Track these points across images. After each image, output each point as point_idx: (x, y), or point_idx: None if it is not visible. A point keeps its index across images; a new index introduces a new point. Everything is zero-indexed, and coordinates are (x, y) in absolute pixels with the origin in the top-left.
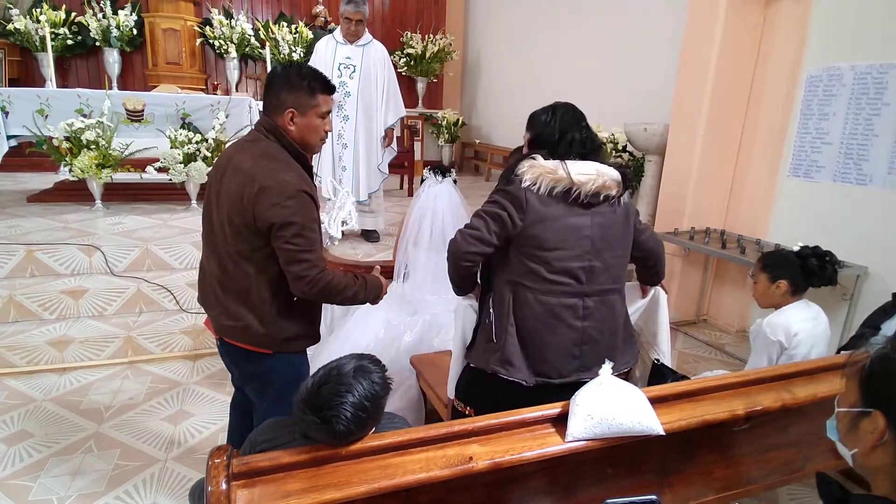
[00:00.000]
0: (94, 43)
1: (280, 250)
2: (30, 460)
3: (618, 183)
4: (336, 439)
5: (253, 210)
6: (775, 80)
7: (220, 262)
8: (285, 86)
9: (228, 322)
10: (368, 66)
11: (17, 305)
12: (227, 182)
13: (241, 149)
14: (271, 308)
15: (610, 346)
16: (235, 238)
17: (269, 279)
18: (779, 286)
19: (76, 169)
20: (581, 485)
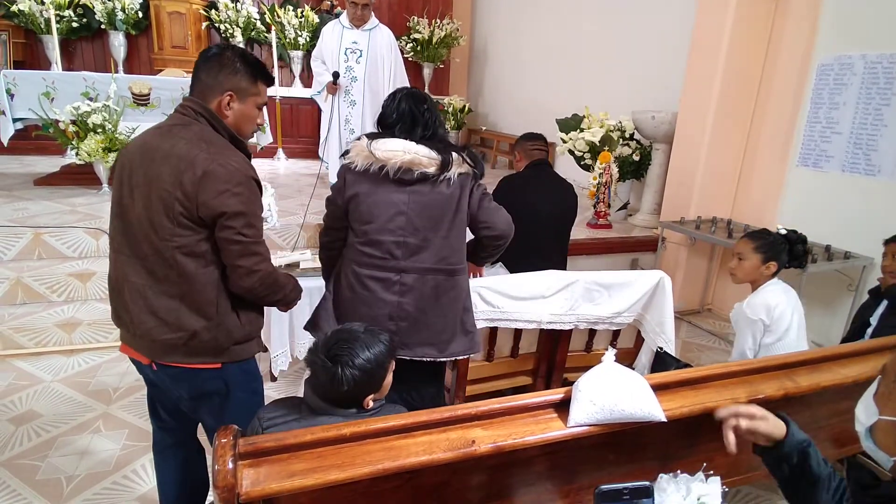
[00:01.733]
0: (99, 26)
1: (228, 241)
2: (38, 440)
3: (435, 162)
4: (337, 384)
5: (197, 197)
6: (786, 69)
7: (148, 267)
8: (226, 67)
9: (166, 336)
10: (375, 50)
11: (25, 288)
12: (155, 171)
13: (168, 134)
14: (218, 309)
15: (436, 328)
16: (172, 232)
17: (216, 276)
18: (769, 267)
19: (83, 152)
20: (582, 470)
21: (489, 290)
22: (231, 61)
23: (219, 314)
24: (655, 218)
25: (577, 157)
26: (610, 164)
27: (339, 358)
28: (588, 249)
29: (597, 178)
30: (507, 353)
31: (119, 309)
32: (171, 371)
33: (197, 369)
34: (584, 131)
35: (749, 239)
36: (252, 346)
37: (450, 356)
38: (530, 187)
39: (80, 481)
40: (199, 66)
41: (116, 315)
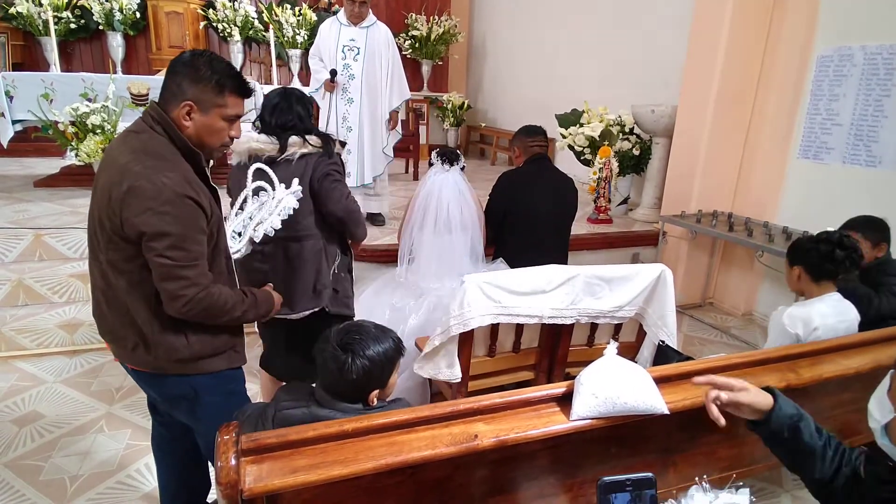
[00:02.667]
0: (97, 27)
1: (152, 264)
2: (41, 441)
3: (274, 147)
4: (346, 373)
5: (121, 213)
6: (785, 61)
7: (102, 272)
8: (189, 75)
9: (117, 342)
10: (373, 48)
11: (27, 289)
12: (102, 179)
13: (122, 141)
14: (153, 328)
15: (289, 289)
16: (107, 246)
17: (146, 295)
18: (793, 271)
19: (82, 153)
20: (585, 463)
21: (490, 285)
22: (196, 69)
23: (154, 333)
24: (656, 212)
25: (576, 153)
26: (610, 158)
27: (351, 347)
28: (589, 244)
29: (597, 173)
30: (508, 349)
31: (93, 308)
32: (139, 374)
33: (160, 375)
34: (584, 126)
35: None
36: (214, 362)
37: (300, 312)
38: (530, 183)
39: (84, 481)
40: (167, 71)
41: (93, 312)
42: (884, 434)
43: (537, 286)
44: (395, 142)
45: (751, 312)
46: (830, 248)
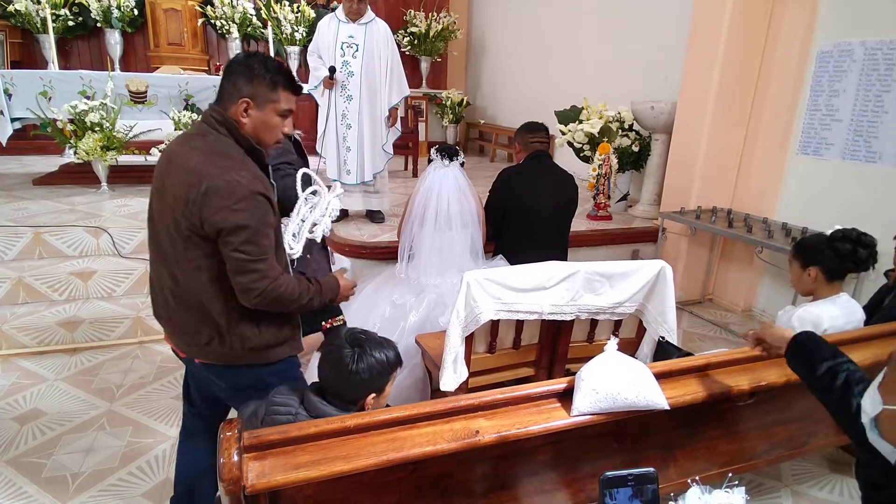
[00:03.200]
0: (95, 24)
1: (228, 258)
2: (43, 438)
3: None
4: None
5: (200, 213)
6: (785, 56)
7: (171, 272)
8: (245, 73)
9: (189, 338)
10: (372, 44)
11: (27, 287)
12: (172, 182)
13: (187, 143)
14: (228, 320)
15: None
16: (185, 245)
17: (223, 289)
18: (809, 273)
19: (81, 151)
20: (586, 458)
21: (491, 281)
22: (251, 67)
23: (229, 325)
24: (655, 209)
25: (576, 149)
26: (609, 155)
27: (360, 344)
28: (588, 241)
29: (596, 170)
30: (509, 345)
31: (155, 305)
32: (209, 367)
33: (221, 365)
34: (583, 123)
35: (793, 246)
36: (280, 351)
37: None
38: (530, 180)
39: (86, 478)
40: (223, 73)
41: (156, 314)
42: (873, 427)
43: (537, 282)
44: (394, 139)
45: (750, 308)
46: (852, 246)
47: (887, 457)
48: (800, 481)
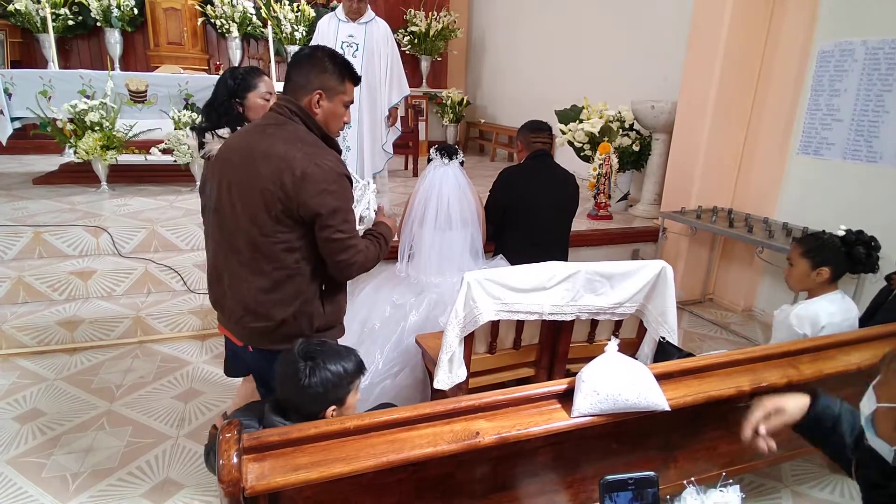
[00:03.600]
0: (95, 23)
1: (329, 240)
2: (43, 438)
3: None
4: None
5: (297, 197)
6: (786, 56)
7: (243, 260)
8: (317, 66)
9: (255, 324)
10: (371, 44)
11: (27, 286)
12: (255, 170)
13: (264, 134)
14: (305, 299)
15: None
16: (273, 229)
17: (308, 269)
18: (820, 273)
19: (81, 150)
20: (586, 460)
21: (491, 281)
22: (321, 60)
23: (304, 304)
24: (656, 208)
25: (576, 149)
26: (610, 154)
27: (312, 357)
28: (588, 241)
29: (597, 169)
30: (509, 345)
31: (218, 297)
32: (264, 353)
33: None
34: (584, 122)
35: (798, 243)
36: (334, 332)
37: None
38: (531, 179)
39: (86, 478)
40: (290, 66)
41: (215, 301)
42: (870, 426)
43: (538, 283)
44: (394, 138)
45: (751, 308)
46: (866, 251)
47: (884, 456)
48: (800, 482)
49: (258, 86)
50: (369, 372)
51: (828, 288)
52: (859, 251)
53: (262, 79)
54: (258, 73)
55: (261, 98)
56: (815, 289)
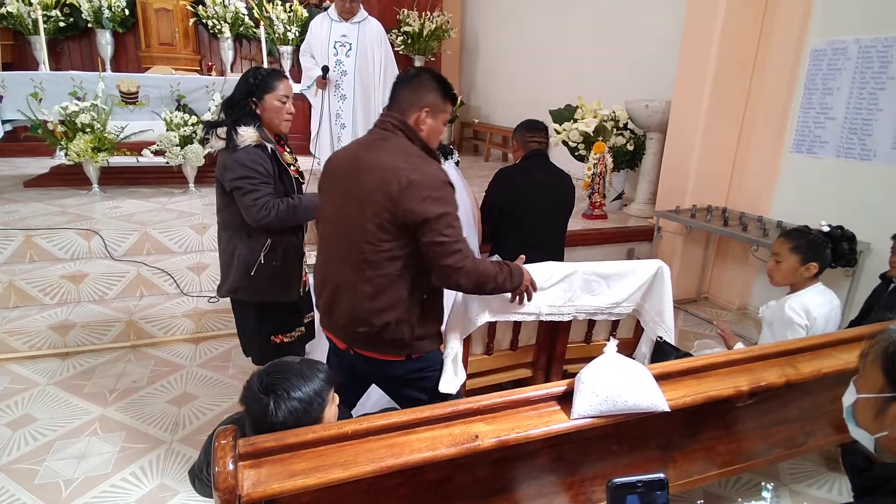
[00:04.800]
0: (86, 24)
1: (433, 244)
2: (35, 444)
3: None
4: (271, 417)
5: (403, 205)
6: (779, 55)
7: (351, 267)
8: (425, 86)
9: (360, 329)
10: (365, 43)
11: (18, 291)
12: (363, 182)
13: (371, 147)
14: (407, 307)
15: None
16: (379, 238)
17: (409, 277)
18: (809, 268)
19: (72, 153)
20: (586, 461)
21: None
22: (429, 81)
23: (405, 312)
24: (651, 207)
25: (571, 148)
26: (604, 154)
27: (273, 389)
28: (583, 240)
29: (591, 169)
30: (506, 346)
31: (325, 302)
32: (365, 358)
33: (384, 360)
34: (578, 122)
35: (785, 238)
36: (432, 342)
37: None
38: (527, 179)
39: (79, 485)
40: (399, 84)
41: (323, 305)
42: (850, 417)
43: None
44: None
45: (745, 307)
46: (849, 246)
47: (864, 444)
48: (798, 480)
49: (277, 88)
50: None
51: (812, 281)
52: (843, 246)
53: (283, 81)
54: (279, 76)
55: (277, 100)
56: (800, 283)
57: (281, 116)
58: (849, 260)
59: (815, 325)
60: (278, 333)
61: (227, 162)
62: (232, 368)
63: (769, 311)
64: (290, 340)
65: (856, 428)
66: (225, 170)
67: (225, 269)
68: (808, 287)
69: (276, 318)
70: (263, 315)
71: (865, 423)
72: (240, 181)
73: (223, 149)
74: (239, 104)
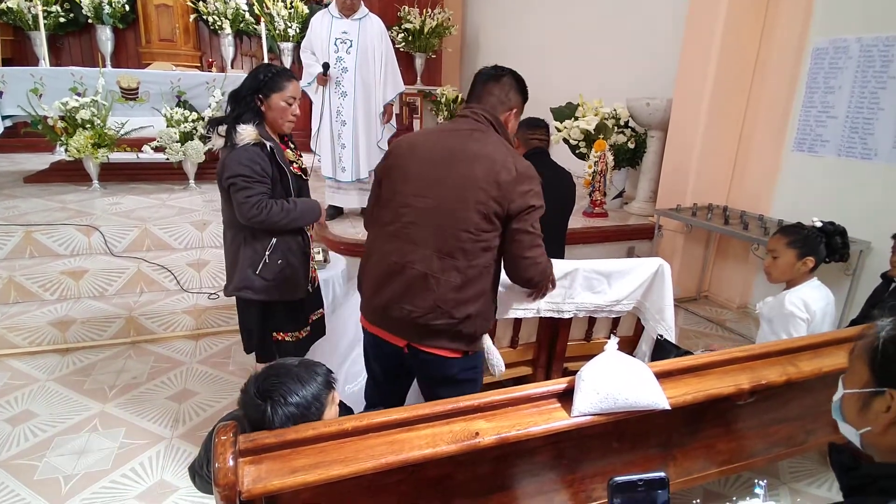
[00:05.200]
0: (86, 20)
1: (524, 233)
2: (35, 440)
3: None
4: (269, 424)
5: (511, 194)
6: (781, 53)
7: (436, 257)
8: (516, 86)
9: (439, 321)
10: (365, 40)
11: (18, 286)
12: (465, 170)
13: (469, 137)
14: (485, 299)
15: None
16: (479, 227)
17: (494, 271)
18: (805, 263)
19: (72, 148)
20: (586, 459)
21: None
22: (519, 82)
23: (484, 304)
24: (651, 206)
25: (571, 146)
26: (605, 152)
27: (270, 395)
28: (584, 238)
29: (592, 167)
30: (506, 344)
31: (387, 296)
32: (422, 355)
33: (446, 357)
34: (579, 120)
35: (782, 234)
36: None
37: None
38: None
39: (79, 480)
40: (488, 80)
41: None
42: (838, 412)
43: None
44: (389, 135)
45: (746, 305)
46: (842, 240)
47: (851, 439)
48: (797, 479)
49: (285, 88)
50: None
51: (808, 276)
52: (837, 241)
53: (292, 83)
54: (289, 77)
55: (284, 101)
56: (796, 278)
57: (285, 117)
58: (842, 254)
59: (815, 319)
60: (280, 331)
61: (225, 160)
62: (232, 365)
63: (766, 307)
64: (292, 339)
65: (843, 423)
66: (222, 168)
67: (230, 268)
68: (805, 282)
69: (279, 315)
70: (267, 312)
71: (851, 419)
72: (234, 178)
73: (223, 147)
74: (245, 99)
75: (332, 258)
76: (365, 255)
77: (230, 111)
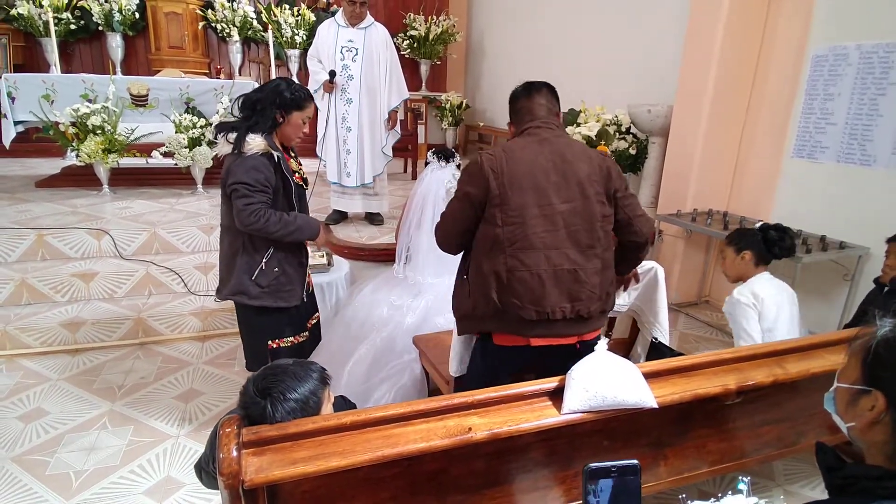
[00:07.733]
0: (97, 27)
1: (630, 197)
2: (46, 436)
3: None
4: (269, 420)
5: (612, 177)
6: (781, 60)
7: (578, 251)
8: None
9: (595, 306)
10: (371, 48)
11: (30, 288)
12: (576, 169)
13: (564, 142)
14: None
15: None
16: (604, 213)
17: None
18: (743, 257)
19: (83, 154)
20: (577, 456)
21: None
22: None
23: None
24: (652, 211)
25: None
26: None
27: (270, 392)
28: None
29: None
30: None
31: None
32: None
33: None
34: (581, 126)
35: (726, 237)
36: None
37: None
38: None
39: (88, 476)
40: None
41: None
42: (831, 404)
43: None
44: (393, 141)
45: None
46: (779, 235)
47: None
48: (792, 480)
49: (307, 108)
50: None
51: (756, 270)
52: (772, 234)
53: (312, 104)
54: (311, 98)
55: (302, 119)
56: (746, 272)
57: (298, 133)
58: (783, 247)
59: (765, 306)
60: (275, 338)
61: (231, 167)
62: (237, 366)
63: (727, 306)
64: (287, 346)
65: (835, 414)
66: (227, 174)
67: (225, 271)
68: (755, 276)
69: (274, 322)
70: (262, 319)
71: (841, 412)
72: (237, 185)
73: (229, 153)
74: (264, 111)
75: (336, 262)
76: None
77: (245, 118)
